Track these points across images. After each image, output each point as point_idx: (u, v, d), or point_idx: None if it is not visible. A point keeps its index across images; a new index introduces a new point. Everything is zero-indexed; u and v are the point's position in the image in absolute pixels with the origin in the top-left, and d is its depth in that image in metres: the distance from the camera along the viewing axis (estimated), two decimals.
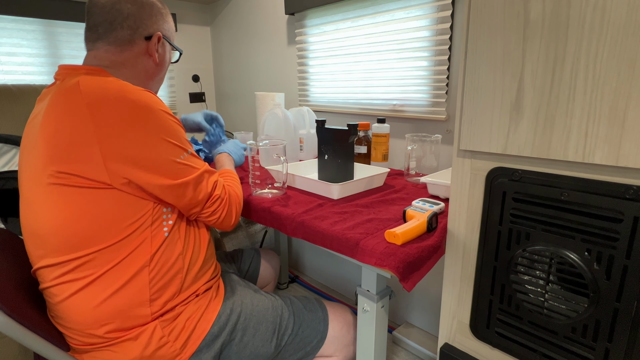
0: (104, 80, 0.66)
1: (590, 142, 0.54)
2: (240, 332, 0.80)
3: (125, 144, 0.65)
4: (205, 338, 0.76)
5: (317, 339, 0.85)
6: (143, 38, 0.81)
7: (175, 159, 0.71)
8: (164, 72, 0.90)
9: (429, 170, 1.13)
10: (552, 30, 0.55)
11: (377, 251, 0.69)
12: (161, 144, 0.68)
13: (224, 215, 0.81)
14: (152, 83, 0.88)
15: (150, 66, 0.84)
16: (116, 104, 0.64)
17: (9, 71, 1.68)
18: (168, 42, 0.87)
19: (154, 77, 0.87)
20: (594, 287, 0.57)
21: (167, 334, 0.72)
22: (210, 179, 0.78)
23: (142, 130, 0.66)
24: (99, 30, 0.78)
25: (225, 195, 0.81)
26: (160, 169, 0.68)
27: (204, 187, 0.76)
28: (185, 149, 0.73)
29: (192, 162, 0.74)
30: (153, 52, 0.83)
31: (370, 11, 1.37)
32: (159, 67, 0.86)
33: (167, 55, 0.88)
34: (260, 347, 0.81)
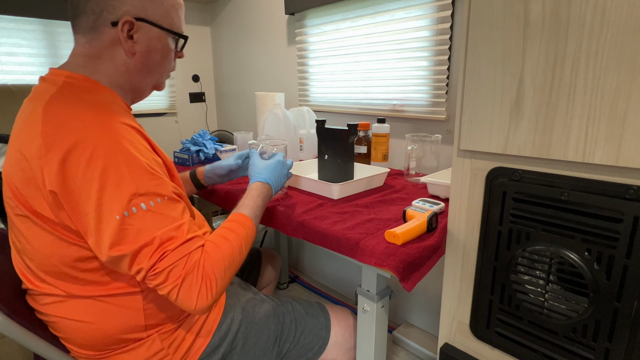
0: (68, 110, 0.58)
1: (590, 142, 0.54)
2: (241, 341, 0.79)
3: (71, 186, 0.56)
4: (206, 349, 0.75)
5: (319, 345, 0.84)
6: (109, 24, 0.65)
7: (116, 214, 0.55)
8: (153, 64, 0.71)
9: (429, 170, 1.13)
10: (552, 30, 0.55)
11: (377, 251, 0.69)
12: (106, 191, 0.55)
13: (175, 294, 0.58)
14: (141, 78, 0.72)
15: (125, 60, 0.68)
16: (69, 139, 0.56)
17: (9, 71, 1.68)
18: (156, 26, 0.69)
19: (140, 71, 0.70)
20: (594, 287, 0.57)
21: (167, 346, 0.71)
22: (163, 246, 0.58)
23: (90, 173, 0.55)
24: (70, 17, 0.67)
25: (180, 268, 0.58)
26: (99, 224, 0.56)
27: (142, 259, 0.57)
28: (135, 204, 0.57)
29: (142, 222, 0.57)
30: (123, 40, 0.66)
31: (370, 11, 1.37)
32: (141, 60, 0.69)
33: (157, 43, 0.70)
34: (261, 355, 0.80)
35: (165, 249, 0.58)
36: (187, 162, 1.42)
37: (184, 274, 0.58)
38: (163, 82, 0.78)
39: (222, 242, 0.65)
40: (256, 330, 0.81)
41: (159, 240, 0.58)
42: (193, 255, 0.60)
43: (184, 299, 0.59)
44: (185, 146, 1.48)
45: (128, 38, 0.67)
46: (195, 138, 1.49)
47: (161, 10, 0.69)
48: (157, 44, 0.70)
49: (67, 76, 0.64)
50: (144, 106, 2.12)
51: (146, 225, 0.57)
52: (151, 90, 0.77)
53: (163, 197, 0.60)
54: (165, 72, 0.76)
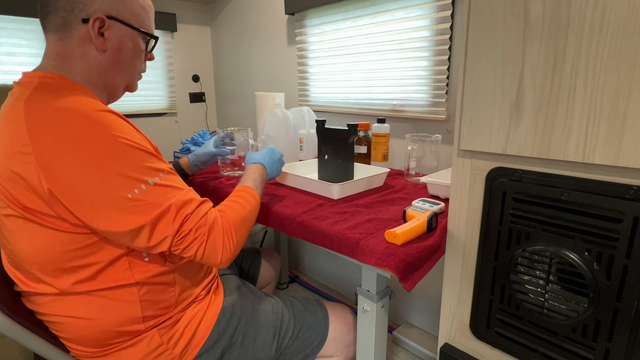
0: (50, 106, 0.58)
1: (590, 142, 0.54)
2: (240, 336, 0.79)
3: (69, 180, 0.57)
4: (205, 343, 0.75)
5: (318, 341, 0.85)
6: (80, 21, 0.65)
7: (127, 194, 0.58)
8: (125, 61, 0.72)
9: (429, 170, 1.13)
10: (552, 30, 0.55)
11: (377, 251, 0.69)
12: (109, 177, 0.57)
13: (202, 251, 0.64)
14: (114, 76, 0.72)
15: (97, 57, 0.68)
16: (58, 132, 0.57)
17: (9, 71, 1.68)
18: (127, 25, 0.69)
19: (112, 69, 0.70)
20: (594, 287, 0.57)
21: (166, 341, 0.71)
22: (181, 212, 0.62)
23: (87, 163, 0.57)
24: (40, 16, 0.67)
25: (204, 227, 0.64)
26: (108, 207, 0.58)
27: (164, 227, 0.61)
28: (142, 180, 0.60)
29: (153, 196, 0.60)
30: (94, 37, 0.66)
31: (370, 11, 1.37)
32: (112, 57, 0.69)
33: (127, 42, 0.70)
34: (260, 350, 0.80)
35: (184, 213, 0.63)
36: None
37: (207, 231, 0.65)
38: (135, 82, 0.78)
39: (233, 204, 0.74)
40: (255, 325, 0.81)
41: (175, 207, 0.62)
42: (210, 214, 0.67)
43: (210, 253, 0.65)
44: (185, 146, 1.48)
45: (99, 35, 0.67)
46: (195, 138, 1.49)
47: (131, 10, 0.70)
48: (128, 42, 0.71)
49: (41, 76, 0.64)
50: (144, 106, 2.13)
51: (158, 197, 0.61)
52: (124, 91, 0.78)
53: (164, 172, 0.64)
54: (137, 72, 0.77)
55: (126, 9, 0.69)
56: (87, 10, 0.65)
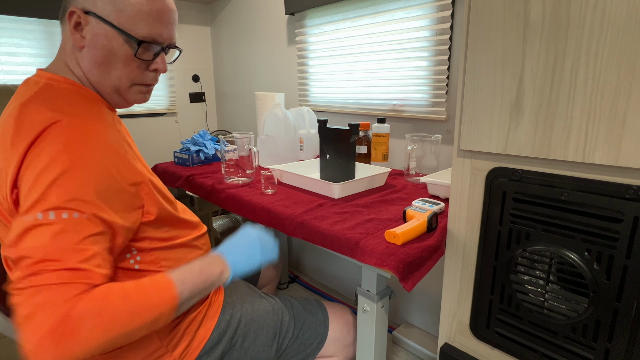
0: (39, 113, 0.56)
1: (590, 142, 0.54)
2: (240, 338, 0.79)
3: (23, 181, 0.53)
4: (205, 346, 0.75)
5: (318, 341, 0.85)
6: (68, 16, 0.63)
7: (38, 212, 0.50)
8: (102, 63, 0.65)
9: (429, 170, 1.13)
10: (552, 30, 0.55)
11: (377, 251, 0.69)
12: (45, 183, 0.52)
13: (23, 320, 0.47)
14: (97, 77, 0.66)
15: (77, 54, 0.65)
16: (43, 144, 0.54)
17: (9, 71, 1.68)
18: (105, 22, 0.62)
19: (92, 68, 0.65)
20: (594, 287, 0.57)
21: (166, 344, 0.71)
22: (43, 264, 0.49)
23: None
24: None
25: (47, 292, 0.48)
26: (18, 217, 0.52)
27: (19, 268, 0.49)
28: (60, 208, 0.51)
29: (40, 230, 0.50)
30: (71, 32, 0.63)
31: (370, 11, 1.37)
32: (89, 56, 0.64)
33: (103, 41, 0.63)
34: (261, 352, 0.80)
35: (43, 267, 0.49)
36: (187, 162, 1.42)
37: (44, 302, 0.47)
38: (125, 90, 0.69)
39: (116, 296, 0.52)
40: (255, 326, 0.81)
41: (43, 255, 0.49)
42: (70, 288, 0.49)
43: (27, 333, 0.46)
44: (185, 146, 1.48)
45: (75, 30, 0.63)
46: (196, 138, 1.49)
47: (114, 6, 0.62)
48: (103, 41, 0.64)
49: (49, 78, 0.64)
50: (144, 106, 2.12)
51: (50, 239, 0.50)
52: (117, 96, 0.70)
53: (85, 214, 0.53)
54: (124, 79, 0.67)
55: (105, 4, 0.62)
56: (72, 4, 0.63)
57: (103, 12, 0.62)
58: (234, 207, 1.03)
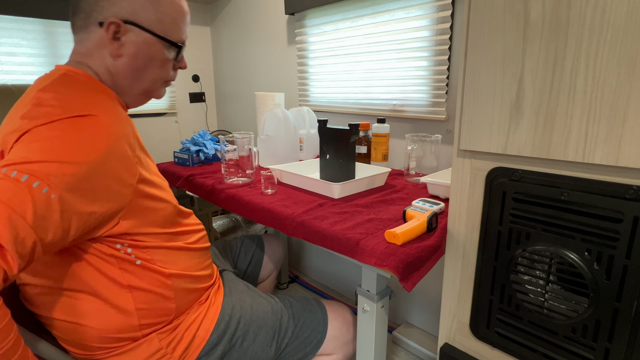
0: (55, 97, 0.58)
1: (590, 142, 0.54)
2: (240, 338, 0.79)
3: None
4: (204, 347, 0.75)
5: (317, 340, 0.85)
6: (97, 24, 0.65)
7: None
8: (140, 69, 0.69)
9: (429, 170, 1.13)
10: (552, 30, 0.55)
11: (377, 251, 0.69)
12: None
13: None
14: (127, 82, 0.70)
15: (111, 62, 0.67)
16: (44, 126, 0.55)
17: (9, 71, 1.68)
18: (146, 31, 0.66)
19: (124, 74, 0.69)
20: (594, 287, 0.57)
21: (165, 345, 0.71)
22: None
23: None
24: (70, 19, 0.69)
25: None
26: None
27: None
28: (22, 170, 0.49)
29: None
30: (108, 42, 0.66)
31: (370, 11, 1.37)
32: (126, 62, 0.68)
33: (145, 48, 0.68)
34: (260, 352, 0.80)
35: None
36: (187, 162, 1.42)
37: None
38: (156, 90, 0.75)
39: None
40: (254, 327, 0.81)
41: None
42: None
43: None
44: (185, 146, 1.48)
45: (114, 40, 0.66)
46: (196, 138, 1.49)
47: (153, 16, 0.67)
48: (145, 49, 0.68)
49: (67, 70, 0.65)
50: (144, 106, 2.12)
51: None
52: (143, 97, 0.75)
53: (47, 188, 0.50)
54: (158, 80, 0.73)
55: (147, 14, 0.66)
56: (103, 14, 0.64)
57: (145, 22, 0.66)
58: (234, 207, 1.03)
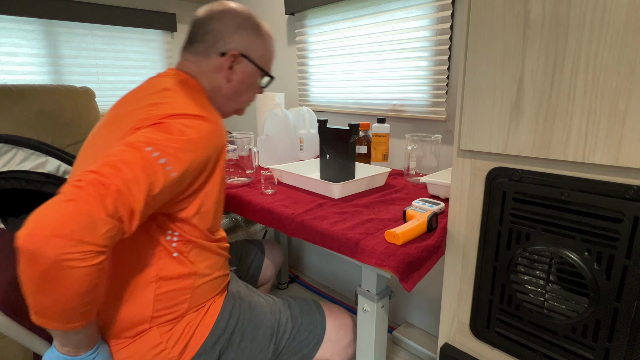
0: (179, 99, 0.70)
1: (590, 142, 0.54)
2: (238, 337, 0.79)
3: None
4: (203, 344, 0.75)
5: (314, 342, 0.85)
6: (218, 54, 0.81)
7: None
8: (240, 92, 0.86)
9: (429, 170, 1.13)
10: (552, 30, 0.55)
11: (377, 251, 0.69)
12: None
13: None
14: (225, 101, 0.85)
15: (222, 83, 0.83)
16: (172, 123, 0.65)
17: (9, 71, 1.68)
18: (253, 64, 0.84)
19: (227, 95, 0.85)
20: (594, 287, 0.57)
21: (165, 340, 0.71)
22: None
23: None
24: (187, 41, 0.85)
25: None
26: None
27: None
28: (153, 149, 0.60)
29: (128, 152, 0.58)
30: (224, 68, 0.82)
31: (370, 11, 1.37)
32: (232, 86, 0.84)
33: (248, 77, 0.85)
34: (257, 352, 0.80)
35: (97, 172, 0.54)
36: None
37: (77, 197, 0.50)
38: (243, 109, 0.92)
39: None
40: (253, 327, 0.81)
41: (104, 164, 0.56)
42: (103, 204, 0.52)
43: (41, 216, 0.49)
44: None
45: (228, 67, 0.82)
46: None
47: (260, 51, 0.85)
48: (248, 78, 0.85)
49: (186, 77, 0.79)
50: None
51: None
52: (232, 113, 0.91)
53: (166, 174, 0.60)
54: (247, 102, 0.91)
55: (257, 50, 0.84)
56: (226, 47, 0.81)
57: (254, 56, 0.84)
58: (234, 207, 1.03)
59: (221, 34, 0.80)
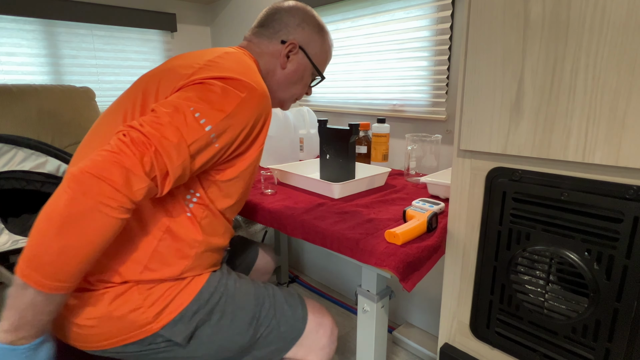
0: (236, 62, 0.73)
1: (590, 142, 0.54)
2: (218, 314, 0.77)
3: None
4: (182, 312, 0.73)
5: (292, 337, 0.83)
6: (280, 41, 0.86)
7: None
8: (290, 82, 0.89)
9: (429, 170, 1.13)
10: (552, 30, 0.55)
11: (377, 251, 0.69)
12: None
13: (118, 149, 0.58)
14: (275, 87, 0.89)
15: (276, 68, 0.87)
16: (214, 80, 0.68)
17: (9, 71, 1.68)
18: (308, 58, 0.89)
19: (279, 82, 0.89)
20: (594, 287, 0.57)
21: (143, 299, 0.70)
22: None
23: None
24: (255, 25, 0.90)
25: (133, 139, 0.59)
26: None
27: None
28: (200, 114, 0.63)
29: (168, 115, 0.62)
30: (282, 55, 0.86)
31: (370, 11, 1.37)
32: (286, 74, 0.88)
33: (302, 69, 0.89)
34: (235, 334, 0.78)
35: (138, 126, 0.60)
36: None
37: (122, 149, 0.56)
38: (287, 103, 0.94)
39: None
40: (234, 306, 0.79)
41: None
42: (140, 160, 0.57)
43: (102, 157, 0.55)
44: None
45: (286, 56, 0.86)
46: None
47: (318, 49, 0.90)
48: (302, 70, 0.89)
49: (245, 52, 0.84)
50: None
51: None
52: (278, 103, 0.94)
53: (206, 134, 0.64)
54: (295, 95, 0.93)
55: (314, 47, 0.89)
56: (287, 36, 0.86)
57: (310, 52, 0.89)
58: None
59: (286, 24, 0.86)
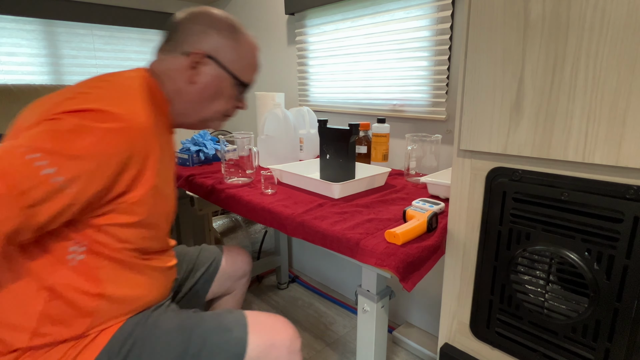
0: (111, 91, 0.64)
1: (590, 142, 0.54)
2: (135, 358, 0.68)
3: None
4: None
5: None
6: (182, 53, 0.74)
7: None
8: (206, 98, 0.77)
9: (429, 170, 1.13)
10: (552, 30, 0.55)
11: (377, 251, 0.69)
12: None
13: None
14: (190, 107, 0.78)
15: (184, 85, 0.75)
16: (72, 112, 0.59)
17: (9, 71, 1.68)
18: (222, 67, 0.76)
19: (192, 100, 0.77)
20: (594, 287, 0.57)
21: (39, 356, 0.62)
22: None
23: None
24: (163, 42, 0.79)
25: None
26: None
27: None
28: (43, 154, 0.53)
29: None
30: (186, 68, 0.74)
31: (370, 11, 1.37)
32: (197, 90, 0.76)
33: (217, 81, 0.76)
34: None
35: None
36: (187, 162, 1.42)
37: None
38: (214, 120, 0.82)
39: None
40: (151, 350, 0.71)
41: None
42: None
43: None
44: (185, 146, 1.48)
45: (191, 68, 0.74)
46: (196, 138, 1.49)
47: (234, 55, 0.76)
48: (216, 82, 0.76)
49: (147, 74, 0.74)
50: None
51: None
52: (201, 124, 0.82)
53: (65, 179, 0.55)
54: (219, 112, 0.81)
55: (229, 53, 0.76)
56: (193, 46, 0.74)
57: (223, 59, 0.76)
58: (234, 207, 1.03)
59: (189, 33, 0.74)
